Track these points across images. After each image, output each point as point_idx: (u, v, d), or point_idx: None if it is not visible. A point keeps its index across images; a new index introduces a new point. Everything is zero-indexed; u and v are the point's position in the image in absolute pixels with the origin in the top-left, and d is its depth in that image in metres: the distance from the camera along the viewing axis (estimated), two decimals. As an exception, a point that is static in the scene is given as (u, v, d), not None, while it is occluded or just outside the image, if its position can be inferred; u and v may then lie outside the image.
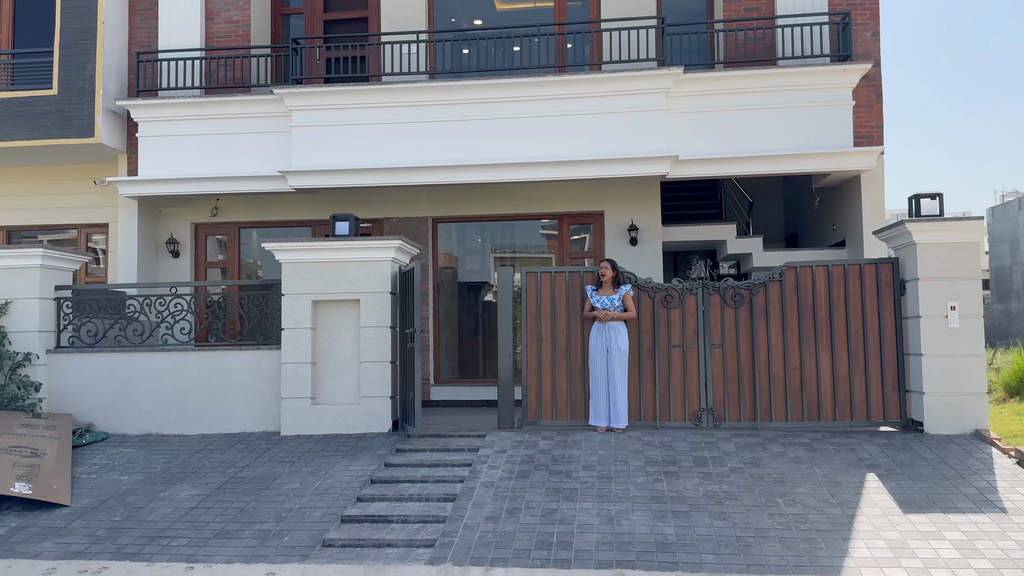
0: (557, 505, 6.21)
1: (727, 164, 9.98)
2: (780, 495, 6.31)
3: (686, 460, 7.09)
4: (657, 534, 5.69)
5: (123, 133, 11.28)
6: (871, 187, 10.22)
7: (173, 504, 6.60)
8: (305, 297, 8.36)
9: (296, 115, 10.35)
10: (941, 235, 7.75)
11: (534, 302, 8.41)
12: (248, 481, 7.02)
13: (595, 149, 9.92)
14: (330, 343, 8.42)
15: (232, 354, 8.60)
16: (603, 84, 9.90)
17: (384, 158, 10.22)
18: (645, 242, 10.96)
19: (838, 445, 7.40)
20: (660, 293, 8.30)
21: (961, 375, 7.67)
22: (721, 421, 8.12)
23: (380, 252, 8.34)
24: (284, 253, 8.43)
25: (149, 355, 8.69)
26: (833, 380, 8.06)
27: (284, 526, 6.08)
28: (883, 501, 6.15)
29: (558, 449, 7.44)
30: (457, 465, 7.24)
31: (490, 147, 10.10)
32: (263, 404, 8.48)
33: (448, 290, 11.72)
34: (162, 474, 7.32)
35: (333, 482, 6.88)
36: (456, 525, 5.94)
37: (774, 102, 9.93)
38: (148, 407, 8.64)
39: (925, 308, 7.75)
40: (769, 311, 8.19)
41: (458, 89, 10.14)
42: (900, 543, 5.49)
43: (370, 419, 8.19)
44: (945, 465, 6.84)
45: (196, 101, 10.72)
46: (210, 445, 8.08)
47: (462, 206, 11.36)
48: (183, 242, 11.68)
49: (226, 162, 10.70)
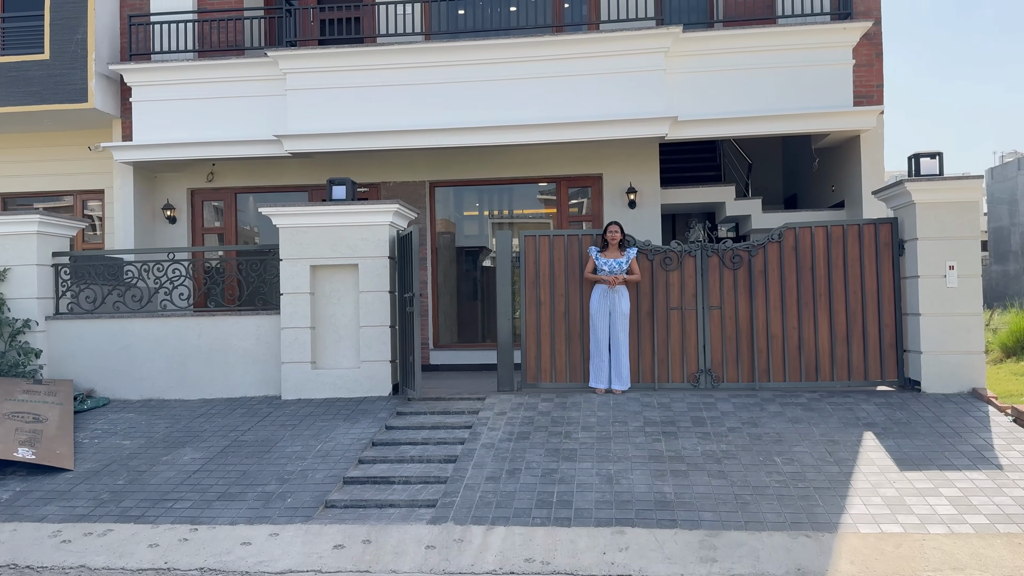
0: (557, 465, 6.27)
1: (726, 125, 9.90)
2: (778, 454, 6.37)
3: (684, 420, 7.14)
4: (656, 492, 5.75)
5: (117, 98, 11.15)
6: (871, 147, 10.16)
7: (176, 468, 6.65)
8: (303, 262, 8.34)
9: (291, 78, 10.24)
10: (941, 194, 7.72)
11: (533, 266, 8.40)
12: (250, 444, 7.07)
13: (593, 111, 9.84)
14: (329, 308, 8.42)
15: (231, 319, 8.61)
16: (601, 44, 9.78)
17: (380, 121, 10.13)
18: (644, 204, 10.92)
19: (836, 404, 7.45)
20: (659, 255, 8.29)
21: (959, 334, 7.70)
22: (719, 382, 8.16)
23: (378, 216, 8.31)
24: (281, 218, 8.40)
25: (148, 321, 8.70)
26: (831, 340, 8.09)
27: (287, 488, 6.13)
28: (880, 459, 6.21)
29: (557, 411, 7.48)
30: (457, 427, 7.28)
31: (487, 109, 10.01)
32: (263, 369, 8.51)
33: (446, 255, 11.70)
34: (164, 438, 7.37)
35: (334, 445, 6.93)
36: (457, 485, 6.00)
37: (774, 61, 9.82)
38: (148, 372, 8.67)
39: (924, 268, 7.75)
40: (768, 272, 8.19)
41: (454, 50, 10.02)
42: (897, 500, 5.55)
43: (370, 383, 8.23)
44: (942, 423, 6.89)
45: (190, 65, 10.60)
46: (211, 409, 8.12)
47: (460, 170, 11.30)
48: (180, 208, 11.62)
49: (221, 127, 10.60)
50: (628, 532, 5.22)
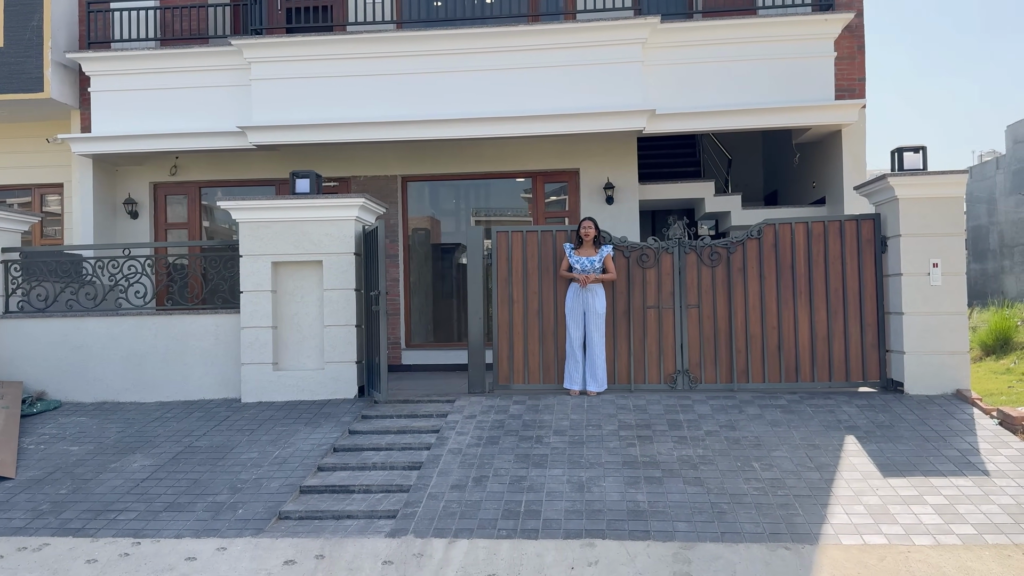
0: (526, 472, 5.97)
1: (706, 118, 9.64)
2: (756, 459, 6.10)
3: (660, 424, 6.87)
4: (629, 501, 5.47)
5: (75, 88, 10.72)
6: (852, 142, 9.94)
7: (124, 476, 6.28)
8: (265, 258, 7.98)
9: (255, 67, 9.86)
10: (924, 189, 7.49)
11: (505, 262, 8.08)
12: (204, 451, 6.71)
13: (569, 103, 9.54)
14: (292, 306, 8.07)
15: (190, 318, 8.23)
16: (577, 34, 9.48)
17: (349, 113, 9.78)
18: (621, 200, 10.63)
19: (816, 407, 7.20)
20: (635, 252, 8.01)
21: (943, 334, 7.47)
22: (697, 383, 7.90)
23: (343, 211, 7.96)
24: (242, 212, 8.03)
25: (102, 320, 8.30)
26: (812, 340, 7.84)
27: (239, 498, 5.79)
28: (863, 464, 5.96)
29: (529, 414, 7.18)
30: (424, 432, 6.96)
31: (460, 101, 9.68)
32: (223, 370, 8.14)
33: (420, 252, 11.36)
34: (114, 444, 6.99)
35: (293, 451, 6.59)
36: (420, 495, 5.68)
37: (754, 53, 9.57)
38: (103, 374, 8.27)
39: (907, 265, 7.51)
40: (747, 270, 7.93)
41: (426, 39, 9.67)
42: (880, 508, 5.29)
43: (335, 385, 7.89)
44: (926, 426, 6.65)
45: (151, 53, 10.19)
46: (167, 413, 7.75)
47: (432, 164, 10.95)
48: (142, 202, 11.20)
49: (184, 118, 10.20)
50: (598, 545, 4.92)
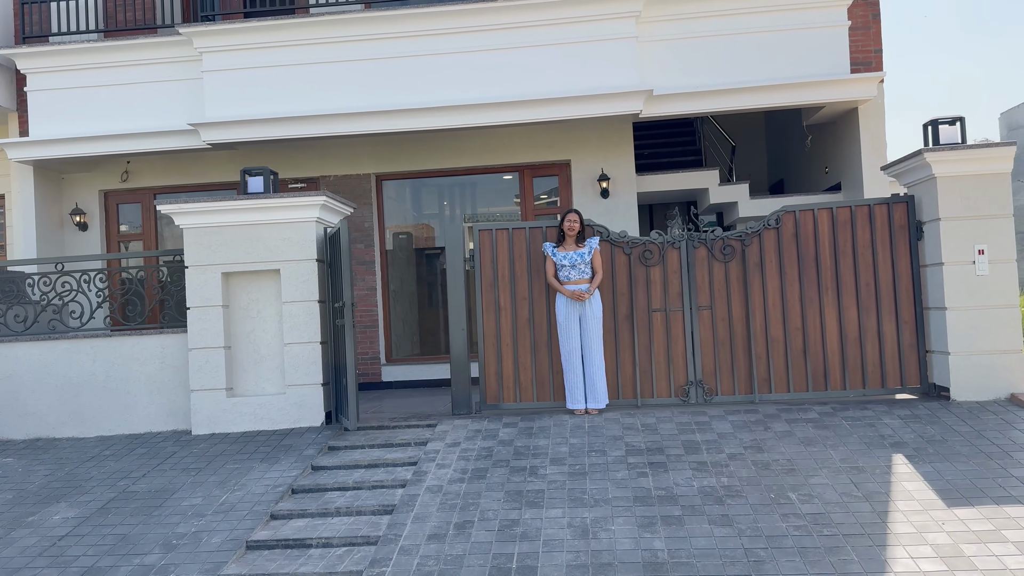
0: (519, 515, 4.98)
1: (709, 99, 8.68)
2: (792, 488, 5.13)
3: (675, 447, 5.88)
4: (644, 549, 4.48)
5: (11, 89, 9.74)
6: (870, 120, 9.02)
7: (40, 532, 5.27)
8: (214, 269, 6.98)
9: (207, 58, 8.86)
10: (966, 165, 6.54)
11: (490, 265, 7.11)
12: (140, 496, 5.70)
13: (558, 86, 8.57)
14: (247, 323, 7.07)
15: (131, 340, 7.23)
16: (565, 8, 8.51)
17: (314, 105, 8.79)
18: (618, 193, 9.66)
19: (853, 420, 6.23)
20: (637, 249, 7.04)
21: (992, 330, 6.52)
22: (712, 395, 6.93)
23: (302, 211, 6.97)
24: (185, 216, 7.05)
25: (32, 345, 7.28)
26: (841, 342, 6.88)
27: (172, 558, 4.78)
28: (919, 491, 4.99)
29: (522, 439, 6.20)
30: (400, 465, 5.97)
31: (438, 88, 8.71)
32: (171, 398, 7.14)
33: (401, 257, 10.36)
34: (38, 491, 5.98)
35: (243, 494, 5.58)
36: (390, 548, 4.69)
37: (760, 25, 8.63)
38: (35, 407, 7.26)
39: (948, 253, 6.56)
40: (764, 264, 6.97)
41: (398, 19, 8.69)
42: (951, 549, 4.32)
43: (298, 411, 6.88)
44: (984, 440, 5.69)
45: (93, 47, 9.20)
46: (106, 450, 6.74)
47: (409, 160, 9.96)
48: (91, 213, 10.19)
49: (132, 117, 9.22)
50: (610, 612, 3.94)
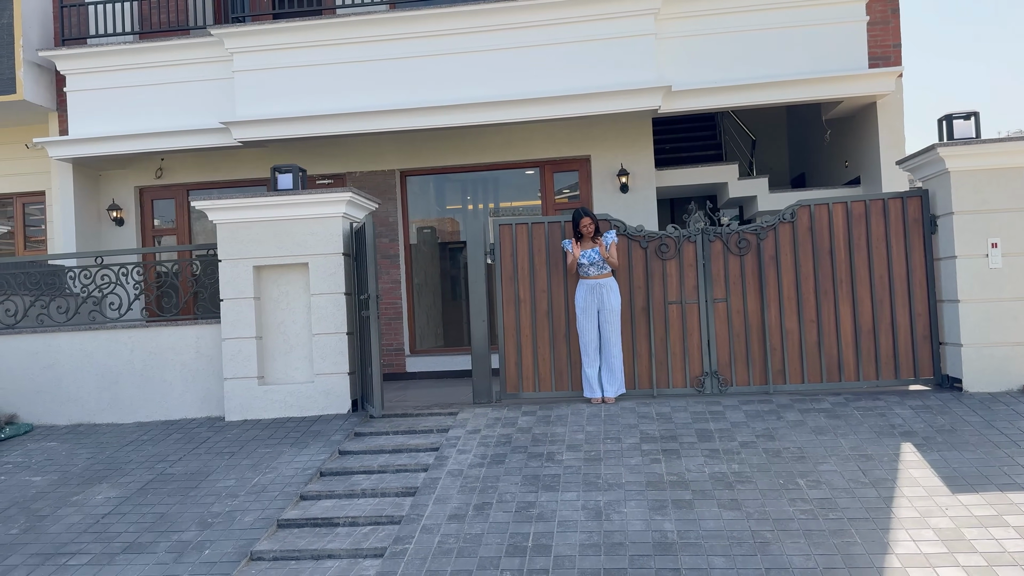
0: (535, 497, 5.20)
1: (727, 94, 8.80)
2: (801, 475, 5.29)
3: (688, 435, 6.07)
4: (655, 531, 4.68)
5: (51, 89, 10.11)
6: (889, 115, 9.09)
7: (84, 510, 5.59)
8: (246, 262, 7.27)
9: (238, 58, 9.16)
10: (979, 160, 6.62)
11: (510, 258, 7.32)
12: (177, 479, 6.00)
13: (578, 83, 8.75)
14: (278, 314, 7.35)
15: (168, 331, 7.54)
16: (585, 7, 8.69)
17: (340, 103, 9.05)
18: (637, 188, 9.82)
19: (865, 410, 6.37)
20: (654, 242, 7.21)
21: (1005, 323, 6.61)
22: (727, 386, 7.09)
23: (329, 207, 7.23)
24: (218, 212, 7.34)
25: (75, 335, 7.63)
26: (855, 334, 7.00)
27: (208, 535, 5.07)
28: (925, 478, 5.13)
29: (540, 427, 6.41)
30: (422, 450, 6.22)
31: (460, 85, 8.93)
32: (205, 386, 7.45)
33: (425, 251, 10.61)
34: (81, 472, 6.31)
35: (275, 477, 5.86)
36: (413, 527, 4.93)
37: (778, 20, 8.74)
38: (77, 394, 7.61)
39: (961, 247, 6.66)
40: (780, 257, 7.11)
41: (422, 19, 8.92)
42: (953, 532, 4.47)
43: (326, 399, 7.16)
44: (993, 430, 5.80)
45: (129, 48, 9.53)
46: (144, 435, 7.07)
47: (432, 156, 10.20)
48: (127, 208, 10.56)
49: (166, 116, 9.55)
50: (620, 587, 4.15)
